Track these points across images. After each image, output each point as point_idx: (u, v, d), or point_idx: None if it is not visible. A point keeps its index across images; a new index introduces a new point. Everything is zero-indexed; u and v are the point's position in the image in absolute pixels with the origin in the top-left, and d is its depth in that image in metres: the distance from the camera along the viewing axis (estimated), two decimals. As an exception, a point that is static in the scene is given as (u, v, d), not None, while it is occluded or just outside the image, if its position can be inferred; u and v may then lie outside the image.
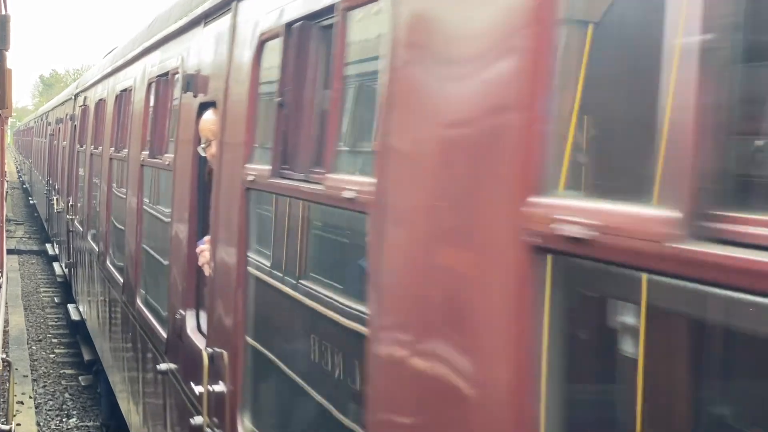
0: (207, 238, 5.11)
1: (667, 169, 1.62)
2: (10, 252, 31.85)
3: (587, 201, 1.90)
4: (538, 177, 1.97)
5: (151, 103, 7.21)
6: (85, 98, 12.93)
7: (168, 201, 6.42)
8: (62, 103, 19.73)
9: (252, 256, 4.31)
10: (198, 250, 5.19)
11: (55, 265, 20.57)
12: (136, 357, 7.61)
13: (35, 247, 33.03)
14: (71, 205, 14.01)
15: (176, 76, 6.26)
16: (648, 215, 1.64)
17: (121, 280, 8.58)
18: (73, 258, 14.23)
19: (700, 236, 1.52)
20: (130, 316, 7.89)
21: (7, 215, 38.60)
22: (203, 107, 5.37)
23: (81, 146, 12.93)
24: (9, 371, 10.48)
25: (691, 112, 1.54)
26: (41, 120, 31.89)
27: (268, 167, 3.92)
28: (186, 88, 5.49)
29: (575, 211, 1.83)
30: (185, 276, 5.52)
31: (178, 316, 5.56)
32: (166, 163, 6.38)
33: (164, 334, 6.20)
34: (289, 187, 3.67)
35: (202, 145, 5.26)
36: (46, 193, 23.91)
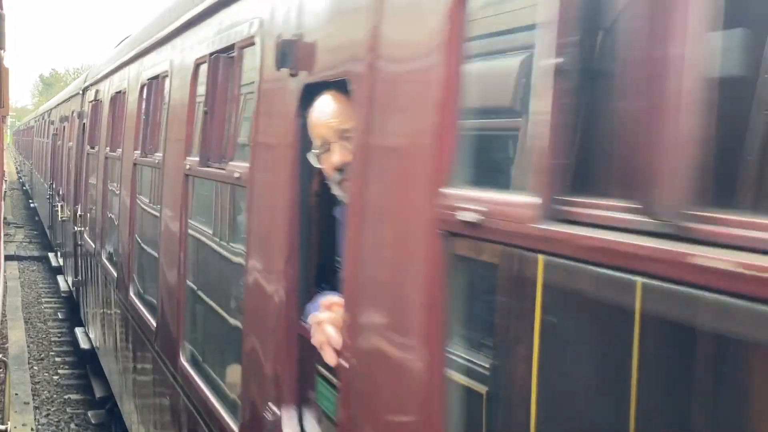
0: (328, 298, 3.14)
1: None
2: (9, 258, 30.47)
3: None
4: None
5: (203, 90, 5.19)
6: (96, 92, 10.91)
7: (238, 231, 4.46)
8: (67, 99, 17.53)
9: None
10: (312, 319, 3.19)
11: (60, 278, 18.27)
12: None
13: (36, 253, 31.20)
14: (79, 216, 12.02)
15: (252, 47, 4.26)
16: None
17: (153, 324, 6.59)
18: (81, 276, 12.22)
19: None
20: (169, 376, 5.88)
21: (6, 218, 37.66)
22: (311, 91, 3.40)
23: (92, 148, 10.93)
24: (5, 371, 10.95)
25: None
26: (43, 119, 29.56)
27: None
28: (281, 62, 3.51)
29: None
30: (279, 356, 3.54)
31: (269, 416, 3.57)
32: (236, 176, 4.38)
33: (236, 428, 4.20)
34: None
35: (316, 151, 3.30)
36: (48, 198, 21.65)
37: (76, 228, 11.81)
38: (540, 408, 2.10)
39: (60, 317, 21.53)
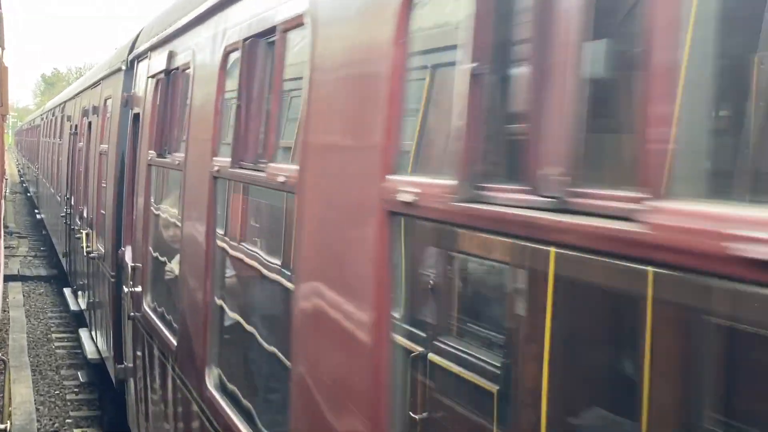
0: None
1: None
2: (11, 278, 26.52)
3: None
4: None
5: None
6: (170, 56, 6.33)
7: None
8: (94, 85, 12.74)
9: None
10: None
11: (83, 335, 13.11)
12: None
13: (43, 271, 27.54)
14: (132, 268, 7.04)
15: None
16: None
17: None
18: (134, 360, 7.36)
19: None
20: None
21: (7, 226, 33.82)
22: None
23: (161, 156, 6.28)
24: (5, 370, 10.52)
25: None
26: (53, 114, 24.31)
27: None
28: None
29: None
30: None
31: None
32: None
33: None
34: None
35: None
36: (64, 217, 16.70)
37: (127, 289, 6.98)
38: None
39: (75, 361, 17.53)
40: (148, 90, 6.91)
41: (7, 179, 31.77)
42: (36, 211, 33.04)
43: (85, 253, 11.40)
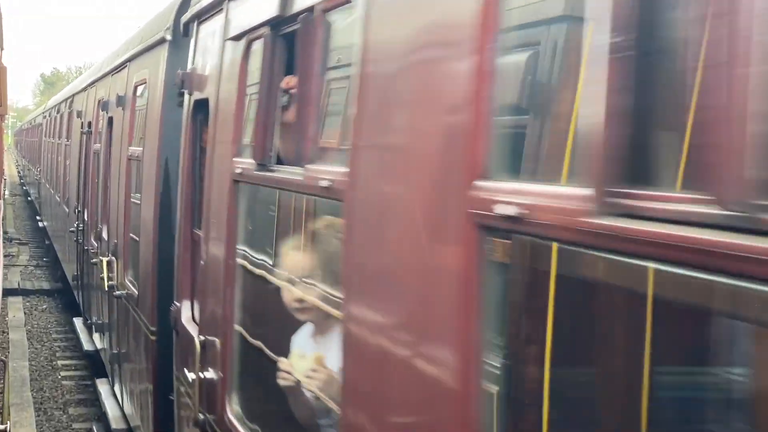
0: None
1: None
2: (11, 293, 24.54)
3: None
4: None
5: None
6: (232, 20, 3.70)
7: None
8: (115, 69, 9.68)
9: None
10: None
11: (107, 402, 9.80)
12: None
13: (46, 284, 24.79)
14: (201, 345, 4.19)
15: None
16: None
17: None
18: None
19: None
20: None
21: (6, 231, 31.94)
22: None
23: (254, 161, 3.66)
24: (5, 371, 11.10)
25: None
26: (57, 111, 21.20)
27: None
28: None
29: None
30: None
31: None
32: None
33: None
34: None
35: None
36: (73, 233, 13.64)
37: (192, 374, 4.26)
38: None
39: (84, 396, 14.91)
40: (227, 61, 4.30)
41: (5, 179, 29.88)
42: (38, 218, 30.71)
43: (105, 287, 8.65)
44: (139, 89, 7.59)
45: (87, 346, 11.39)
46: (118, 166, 8.35)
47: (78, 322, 13.85)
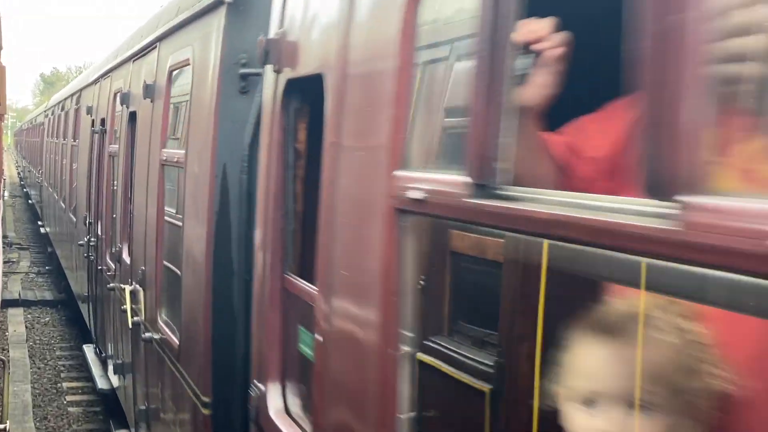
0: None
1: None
2: (12, 304, 23.21)
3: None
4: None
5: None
6: None
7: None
8: (139, 53, 7.64)
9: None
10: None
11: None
12: None
13: (48, 294, 23.37)
14: None
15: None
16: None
17: None
18: None
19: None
20: None
21: (6, 236, 30.51)
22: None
23: (419, 172, 2.16)
24: (4, 370, 10.82)
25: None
26: (61, 109, 19.18)
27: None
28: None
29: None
30: None
31: None
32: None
33: None
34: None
35: None
36: (82, 247, 11.74)
37: None
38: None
39: (94, 426, 13.56)
40: (364, 11, 2.57)
41: (5, 179, 28.59)
42: (39, 223, 29.23)
43: (129, 324, 6.84)
44: (178, 74, 5.82)
45: (101, 383, 9.64)
46: (146, 174, 6.52)
47: (89, 351, 12.09)
